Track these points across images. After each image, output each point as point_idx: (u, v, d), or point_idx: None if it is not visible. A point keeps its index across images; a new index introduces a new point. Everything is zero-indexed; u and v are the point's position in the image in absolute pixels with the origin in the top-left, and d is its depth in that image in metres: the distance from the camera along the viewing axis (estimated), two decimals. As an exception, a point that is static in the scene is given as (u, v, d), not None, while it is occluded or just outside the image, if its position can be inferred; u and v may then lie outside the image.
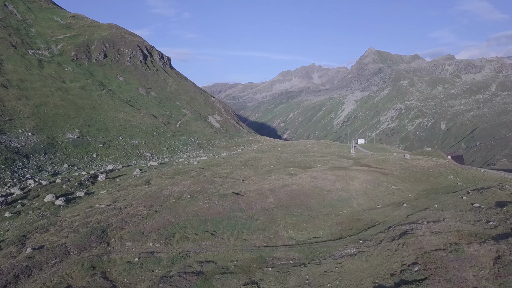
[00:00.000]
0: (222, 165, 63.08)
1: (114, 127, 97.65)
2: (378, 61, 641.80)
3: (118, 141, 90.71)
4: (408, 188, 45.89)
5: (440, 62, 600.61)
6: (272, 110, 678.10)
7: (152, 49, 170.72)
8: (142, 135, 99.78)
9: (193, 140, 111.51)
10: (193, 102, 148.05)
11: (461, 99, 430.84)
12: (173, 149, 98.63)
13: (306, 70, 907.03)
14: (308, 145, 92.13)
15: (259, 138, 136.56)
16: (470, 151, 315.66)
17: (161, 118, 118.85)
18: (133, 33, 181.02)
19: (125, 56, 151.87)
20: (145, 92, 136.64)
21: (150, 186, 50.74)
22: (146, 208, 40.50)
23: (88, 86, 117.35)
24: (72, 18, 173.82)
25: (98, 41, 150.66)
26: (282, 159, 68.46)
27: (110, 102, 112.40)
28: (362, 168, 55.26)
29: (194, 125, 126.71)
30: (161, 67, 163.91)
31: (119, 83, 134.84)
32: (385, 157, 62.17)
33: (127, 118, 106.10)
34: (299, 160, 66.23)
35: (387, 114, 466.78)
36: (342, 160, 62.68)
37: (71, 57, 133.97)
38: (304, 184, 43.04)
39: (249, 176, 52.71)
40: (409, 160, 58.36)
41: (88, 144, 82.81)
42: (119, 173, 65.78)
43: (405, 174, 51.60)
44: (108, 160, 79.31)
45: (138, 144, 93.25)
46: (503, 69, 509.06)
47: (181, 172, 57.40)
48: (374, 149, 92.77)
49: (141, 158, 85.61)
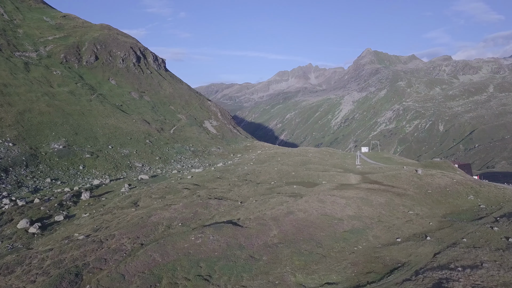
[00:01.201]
0: (218, 181, 57.87)
1: (104, 135, 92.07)
2: (375, 62, 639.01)
3: (108, 151, 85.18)
4: (426, 213, 40.94)
5: (437, 62, 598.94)
6: (269, 110, 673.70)
7: (146, 50, 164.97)
8: (134, 143, 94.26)
9: (187, 147, 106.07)
10: (188, 106, 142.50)
11: (459, 100, 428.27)
12: (166, 158, 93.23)
13: (303, 70, 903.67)
14: (310, 154, 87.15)
15: (257, 144, 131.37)
16: (468, 153, 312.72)
17: (154, 124, 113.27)
18: (126, 34, 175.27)
19: (118, 58, 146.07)
20: (138, 96, 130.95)
21: (137, 209, 45.46)
22: (131, 241, 35.25)
23: (77, 90, 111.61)
24: (63, 18, 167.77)
25: (89, 42, 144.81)
26: (283, 173, 63.36)
27: (100, 107, 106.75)
28: (372, 186, 50.29)
29: (189, 131, 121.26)
30: (155, 70, 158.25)
31: (111, 86, 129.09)
32: (395, 172, 57.22)
33: (118, 124, 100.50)
34: (302, 174, 61.14)
35: (385, 115, 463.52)
36: (349, 175, 57.65)
37: (60, 60, 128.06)
38: (311, 211, 37.94)
39: (248, 196, 47.59)
40: (422, 176, 53.46)
41: (74, 155, 77.25)
42: (106, 189, 60.40)
43: (421, 195, 46.66)
44: (96, 172, 73.82)
45: (129, 153, 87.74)
46: (500, 70, 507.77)
47: (172, 190, 52.14)
48: (379, 159, 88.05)
49: (132, 169, 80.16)
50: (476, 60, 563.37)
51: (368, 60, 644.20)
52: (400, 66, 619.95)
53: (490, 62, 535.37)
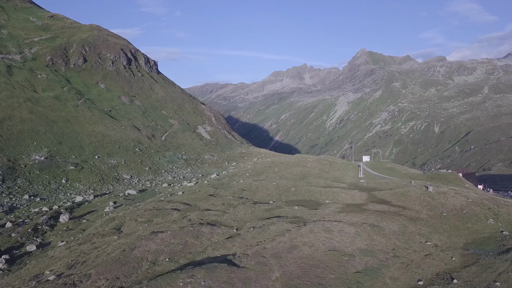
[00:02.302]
0: (211, 199, 52.97)
1: (90, 143, 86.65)
2: (370, 62, 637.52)
3: (94, 161, 79.82)
4: (446, 243, 36.45)
5: (431, 63, 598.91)
6: (264, 111, 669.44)
7: (137, 52, 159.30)
8: (122, 152, 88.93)
9: (180, 155, 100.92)
10: (181, 110, 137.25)
11: (454, 102, 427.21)
12: (156, 169, 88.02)
13: (298, 71, 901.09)
14: (309, 164, 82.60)
15: (253, 150, 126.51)
16: (464, 155, 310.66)
17: (144, 131, 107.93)
18: (117, 35, 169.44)
19: (107, 61, 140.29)
20: (128, 100, 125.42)
21: (120, 237, 40.45)
22: (109, 283, 30.23)
23: (63, 95, 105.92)
24: (50, 18, 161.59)
25: (77, 44, 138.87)
26: (282, 189, 58.65)
27: (87, 113, 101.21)
28: (381, 207, 45.77)
29: (181, 137, 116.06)
30: (146, 72, 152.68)
31: (100, 90, 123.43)
32: (404, 189, 52.75)
33: (106, 132, 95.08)
34: (303, 190, 56.47)
35: (380, 116, 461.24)
36: (354, 193, 53.09)
37: (46, 62, 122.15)
38: (317, 244, 33.24)
39: (244, 220, 42.81)
40: (434, 195, 49.05)
41: (57, 167, 71.84)
42: (88, 207, 55.23)
43: (436, 219, 42.20)
44: (79, 186, 68.51)
45: (116, 164, 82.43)
46: (495, 71, 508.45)
47: (161, 212, 47.16)
48: (382, 169, 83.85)
49: (119, 182, 74.91)
50: (471, 61, 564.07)
51: (363, 61, 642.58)
52: (395, 67, 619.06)
53: (484, 63, 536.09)
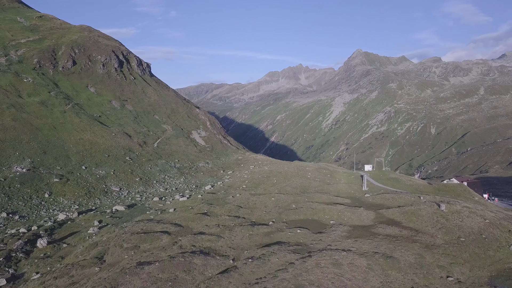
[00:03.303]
0: (204, 219, 48.61)
1: (77, 152, 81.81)
2: (366, 63, 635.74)
3: (81, 172, 75.04)
4: (469, 278, 32.41)
5: (427, 64, 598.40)
6: (260, 111, 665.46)
7: (130, 54, 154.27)
8: (112, 161, 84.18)
9: (173, 164, 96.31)
10: (174, 115, 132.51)
11: (450, 103, 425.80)
12: (148, 179, 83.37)
13: (293, 71, 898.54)
14: (308, 174, 78.56)
15: (249, 156, 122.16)
16: (461, 157, 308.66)
17: (136, 138, 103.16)
18: (109, 36, 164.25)
19: (98, 63, 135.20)
20: (119, 105, 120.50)
21: (102, 269, 35.96)
22: (84, 334, 25.93)
23: (50, 100, 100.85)
24: (39, 19, 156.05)
25: (66, 45, 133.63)
26: (282, 205, 54.50)
27: (75, 120, 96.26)
28: (392, 231, 41.69)
29: (175, 143, 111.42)
30: (139, 75, 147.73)
31: (89, 95, 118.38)
32: (413, 207, 48.73)
33: (95, 140, 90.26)
34: (304, 207, 52.32)
35: (376, 117, 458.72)
36: (360, 212, 48.97)
37: (33, 65, 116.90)
38: (326, 283, 29.06)
39: (242, 248, 38.53)
40: (448, 215, 45.08)
41: (40, 179, 66.99)
42: (71, 228, 50.62)
43: (454, 245, 38.17)
44: (64, 201, 63.75)
45: (105, 174, 77.70)
46: (490, 72, 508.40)
47: (149, 236, 42.70)
48: (386, 180, 79.94)
49: (107, 195, 70.22)
50: (466, 62, 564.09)
51: (359, 61, 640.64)
52: (390, 68, 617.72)
53: (479, 64, 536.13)
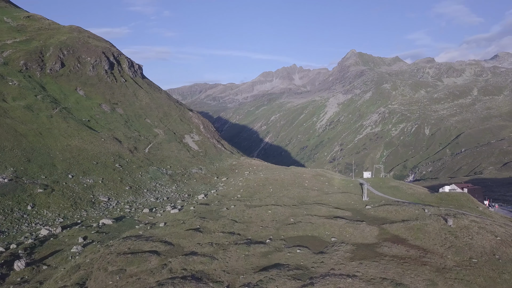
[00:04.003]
0: (197, 236, 45.47)
1: (64, 160, 78.07)
2: (360, 63, 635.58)
3: (67, 181, 71.38)
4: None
5: (420, 65, 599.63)
6: (254, 112, 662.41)
7: (121, 56, 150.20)
8: (100, 169, 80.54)
9: (164, 170, 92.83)
10: (167, 118, 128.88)
11: (444, 104, 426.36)
12: (138, 188, 79.86)
13: (287, 71, 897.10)
14: (305, 182, 75.77)
15: (244, 161, 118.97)
16: (455, 158, 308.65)
17: (126, 143, 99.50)
18: (99, 37, 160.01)
19: (87, 65, 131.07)
20: (109, 108, 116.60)
21: (83, 298, 32.66)
22: None
23: (36, 104, 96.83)
24: (26, 19, 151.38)
25: (54, 47, 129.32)
26: (280, 220, 51.57)
27: (62, 125, 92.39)
28: (398, 250, 38.86)
29: (167, 148, 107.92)
30: (130, 77, 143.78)
31: (78, 98, 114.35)
32: (419, 222, 45.99)
33: (83, 146, 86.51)
34: (303, 222, 49.42)
35: (371, 118, 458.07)
36: (363, 227, 46.09)
37: (19, 67, 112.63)
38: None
39: (237, 272, 35.49)
40: (456, 232, 42.43)
41: (23, 190, 63.27)
42: (53, 245, 47.16)
43: (466, 268, 35.45)
44: (48, 214, 60.12)
45: (93, 183, 74.09)
46: (483, 73, 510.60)
47: (137, 257, 39.42)
48: (386, 188, 77.38)
49: (95, 206, 66.66)
50: (459, 63, 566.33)
51: (353, 62, 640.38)
52: (384, 68, 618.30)
53: (472, 65, 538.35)
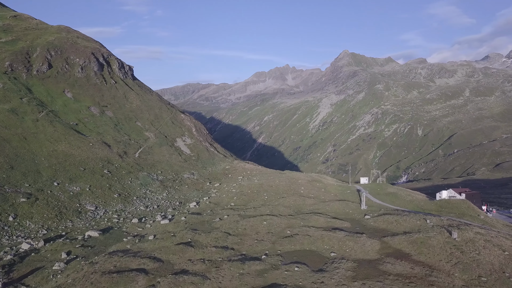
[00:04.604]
0: (188, 251, 42.84)
1: (49, 166, 74.72)
2: (353, 64, 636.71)
3: (52, 189, 68.09)
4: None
5: (413, 65, 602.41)
6: (247, 112, 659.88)
7: (111, 57, 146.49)
8: (88, 176, 77.32)
9: (155, 176, 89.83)
10: (158, 121, 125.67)
11: (436, 104, 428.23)
12: (127, 195, 76.78)
13: (280, 71, 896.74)
14: (301, 188, 73.57)
15: (237, 165, 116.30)
16: (448, 159, 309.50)
17: (116, 147, 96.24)
18: (88, 38, 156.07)
19: (76, 66, 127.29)
20: (98, 111, 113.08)
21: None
22: None
23: (21, 107, 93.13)
24: (13, 18, 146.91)
25: (41, 47, 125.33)
26: (276, 231, 49.21)
27: (49, 129, 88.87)
28: (403, 267, 36.65)
29: (158, 152, 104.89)
30: (120, 79, 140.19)
31: (66, 101, 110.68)
32: (422, 235, 43.88)
33: (70, 151, 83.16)
34: (300, 235, 47.12)
35: (364, 118, 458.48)
36: (363, 241, 43.87)
37: (4, 69, 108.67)
38: None
39: (231, 294, 32.90)
40: (462, 245, 40.37)
41: (4, 200, 59.91)
42: (33, 262, 44.11)
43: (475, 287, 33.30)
44: (30, 225, 56.89)
45: (79, 191, 70.89)
46: (475, 74, 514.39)
47: (123, 276, 36.72)
48: (384, 195, 75.54)
49: (81, 216, 63.51)
50: (451, 63, 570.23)
51: (346, 62, 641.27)
52: (377, 69, 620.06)
53: (464, 66, 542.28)
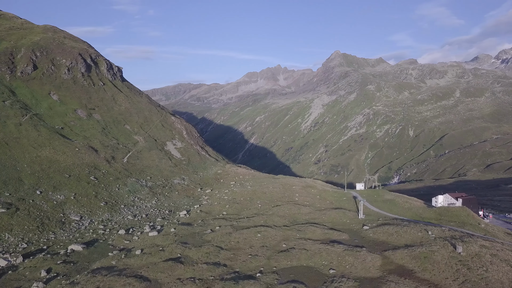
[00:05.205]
0: (178, 269, 40.16)
1: (32, 174, 71.15)
2: (344, 64, 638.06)
3: (34, 199, 64.63)
4: None
5: (404, 66, 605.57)
6: (239, 113, 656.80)
7: (99, 57, 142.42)
8: (73, 183, 73.90)
9: (144, 182, 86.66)
10: (147, 124, 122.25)
11: (427, 105, 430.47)
12: (115, 203, 73.58)
13: (272, 72, 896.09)
14: (296, 195, 71.35)
15: (229, 169, 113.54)
16: (439, 160, 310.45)
17: (103, 152, 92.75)
18: (76, 38, 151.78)
19: (62, 68, 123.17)
20: (85, 114, 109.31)
21: None
22: None
23: (3, 110, 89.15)
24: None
25: (26, 48, 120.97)
26: (271, 245, 46.75)
27: (32, 133, 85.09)
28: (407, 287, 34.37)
29: (147, 157, 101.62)
30: (109, 81, 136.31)
31: (51, 103, 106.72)
32: (425, 248, 41.83)
33: (54, 157, 79.58)
34: (297, 248, 44.75)
35: (355, 119, 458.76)
36: (363, 255, 41.71)
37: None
38: None
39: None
40: (468, 260, 38.38)
41: (-18, 211, 56.35)
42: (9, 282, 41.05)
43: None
44: (10, 238, 53.51)
45: (64, 200, 67.51)
46: (465, 75, 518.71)
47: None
48: (381, 202, 73.64)
49: (65, 227, 60.21)
50: (441, 64, 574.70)
51: (337, 63, 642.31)
52: (368, 69, 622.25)
53: (454, 67, 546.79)
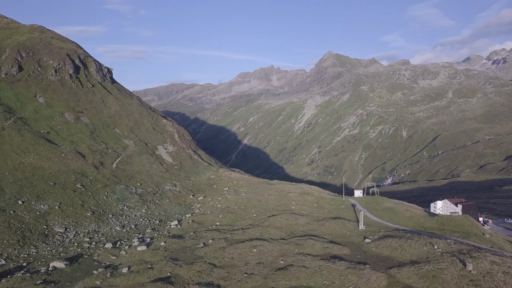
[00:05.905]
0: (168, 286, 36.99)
1: (14, 182, 67.46)
2: (338, 65, 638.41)
3: (16, 209, 61.02)
4: None
5: (396, 67, 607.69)
6: (232, 113, 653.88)
7: (88, 58, 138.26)
8: (58, 191, 70.32)
9: (134, 189, 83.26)
10: (138, 127, 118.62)
11: (420, 106, 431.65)
12: (102, 212, 70.15)
13: (265, 72, 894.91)
14: (292, 204, 68.85)
15: (222, 174, 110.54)
16: (433, 161, 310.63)
17: (91, 157, 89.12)
18: (64, 38, 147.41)
19: (49, 69, 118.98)
20: (73, 118, 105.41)
21: None
22: None
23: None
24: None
25: (11, 48, 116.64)
26: (268, 261, 44.00)
27: (16, 138, 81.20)
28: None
29: (137, 162, 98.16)
30: (98, 82, 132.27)
31: (37, 106, 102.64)
32: (433, 266, 39.35)
33: (39, 163, 75.86)
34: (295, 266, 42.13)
35: (348, 120, 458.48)
36: (366, 274, 39.20)
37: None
38: None
39: None
40: (479, 280, 36.03)
41: (-42, 224, 52.72)
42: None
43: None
44: (-13, 254, 49.90)
45: (47, 210, 63.96)
46: (457, 76, 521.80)
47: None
48: (381, 211, 71.38)
49: (48, 241, 56.74)
50: (433, 65, 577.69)
51: (330, 63, 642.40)
52: (361, 70, 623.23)
53: (446, 67, 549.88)
